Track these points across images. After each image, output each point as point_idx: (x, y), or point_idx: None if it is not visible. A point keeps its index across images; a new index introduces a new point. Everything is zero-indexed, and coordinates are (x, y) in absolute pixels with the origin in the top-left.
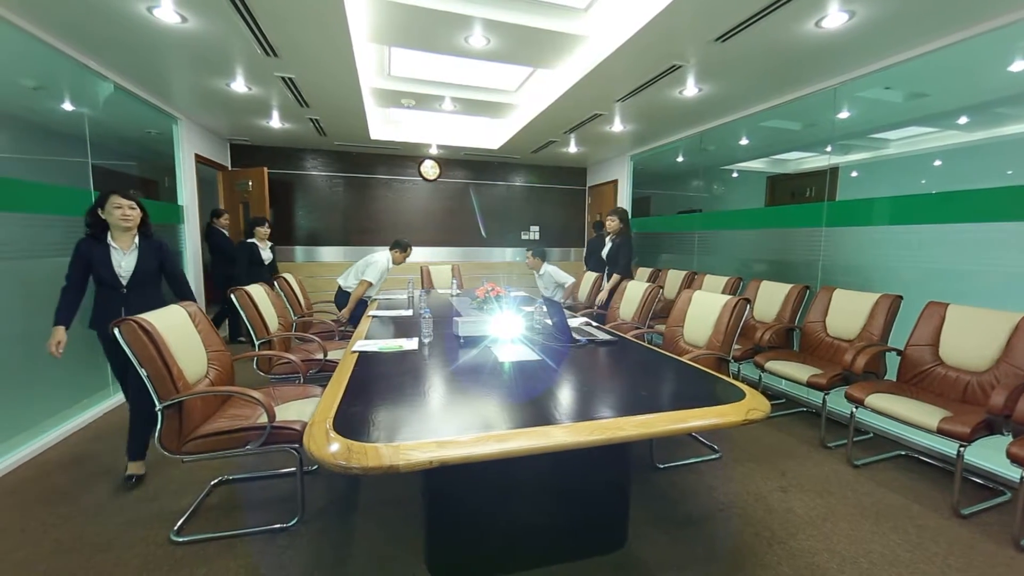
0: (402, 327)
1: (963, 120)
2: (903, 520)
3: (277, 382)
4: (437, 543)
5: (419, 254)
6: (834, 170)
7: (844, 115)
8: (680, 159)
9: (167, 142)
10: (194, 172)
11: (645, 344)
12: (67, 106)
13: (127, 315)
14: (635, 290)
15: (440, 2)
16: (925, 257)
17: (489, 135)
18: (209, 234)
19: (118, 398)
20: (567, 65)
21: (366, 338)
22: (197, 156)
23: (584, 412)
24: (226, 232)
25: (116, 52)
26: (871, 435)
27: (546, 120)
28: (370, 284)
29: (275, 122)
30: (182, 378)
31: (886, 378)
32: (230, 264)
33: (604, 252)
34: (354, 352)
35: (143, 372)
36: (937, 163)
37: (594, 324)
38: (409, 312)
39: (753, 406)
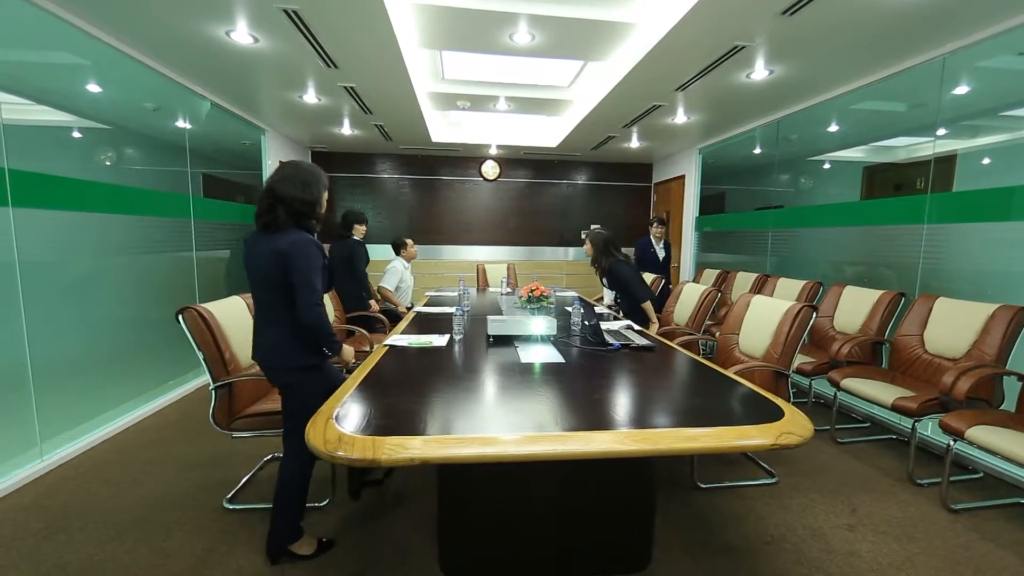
0: (443, 324)
1: None
2: None
3: None
4: (449, 544)
5: (480, 253)
6: (944, 158)
7: (962, 90)
8: (757, 151)
9: (260, 152)
10: None
11: (688, 353)
12: (175, 123)
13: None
14: (691, 293)
15: (483, 2)
16: None
17: (546, 133)
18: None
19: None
20: (618, 56)
21: (403, 332)
22: (281, 164)
23: (585, 422)
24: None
25: (209, 74)
26: (980, 475)
27: (602, 115)
28: (389, 290)
29: (346, 129)
30: (234, 361)
31: (1003, 408)
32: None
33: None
34: (385, 346)
35: (200, 354)
36: None
37: (636, 328)
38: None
39: (788, 429)
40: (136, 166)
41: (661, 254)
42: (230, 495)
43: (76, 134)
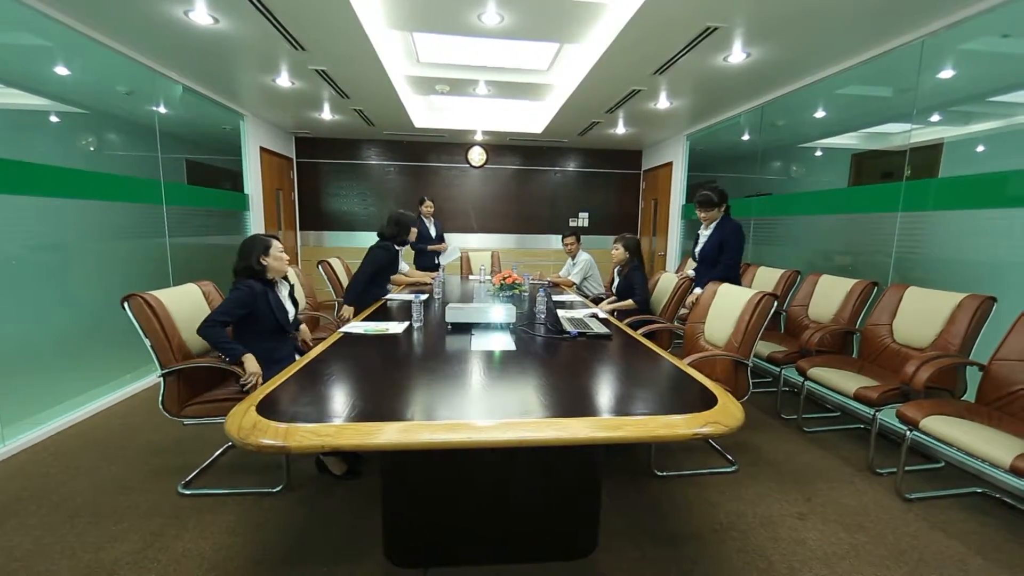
0: (410, 311)
1: None
2: (953, 574)
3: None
4: (393, 532)
5: (468, 241)
6: (927, 145)
7: (944, 75)
8: (745, 137)
9: (240, 137)
10: (259, 164)
11: (645, 341)
12: (144, 107)
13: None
14: (667, 283)
15: None
16: None
17: (531, 119)
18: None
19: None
20: (592, 38)
21: (365, 319)
22: (262, 149)
23: (508, 409)
24: (424, 219)
25: (177, 57)
26: (941, 464)
27: (583, 99)
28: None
29: (326, 114)
30: (184, 349)
31: (964, 398)
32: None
33: (614, 286)
34: (340, 332)
35: (147, 341)
36: None
37: (600, 317)
38: (431, 296)
39: (716, 419)
40: (103, 151)
41: None
42: (186, 480)
43: (53, 119)
